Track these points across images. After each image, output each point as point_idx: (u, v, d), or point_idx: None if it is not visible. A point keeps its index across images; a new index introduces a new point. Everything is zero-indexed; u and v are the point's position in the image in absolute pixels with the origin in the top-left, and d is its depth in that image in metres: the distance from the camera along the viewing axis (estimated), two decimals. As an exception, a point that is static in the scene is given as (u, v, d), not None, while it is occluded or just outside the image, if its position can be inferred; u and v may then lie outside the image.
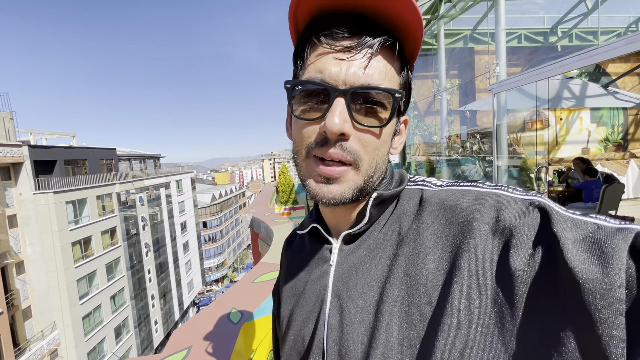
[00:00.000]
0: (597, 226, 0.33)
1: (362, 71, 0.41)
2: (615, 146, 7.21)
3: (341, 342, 0.44)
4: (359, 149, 0.42)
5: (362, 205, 0.48)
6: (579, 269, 0.29)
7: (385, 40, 0.41)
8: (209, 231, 48.69)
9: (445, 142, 7.24)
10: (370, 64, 0.41)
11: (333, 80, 0.41)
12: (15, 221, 17.38)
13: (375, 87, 0.41)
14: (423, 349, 0.37)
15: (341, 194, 0.43)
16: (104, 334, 21.32)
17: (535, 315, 0.31)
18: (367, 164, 0.43)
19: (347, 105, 0.41)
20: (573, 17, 6.52)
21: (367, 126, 0.42)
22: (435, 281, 0.39)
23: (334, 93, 0.40)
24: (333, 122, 0.40)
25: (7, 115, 17.75)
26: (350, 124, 0.41)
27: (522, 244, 0.34)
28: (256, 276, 1.97)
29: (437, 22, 6.57)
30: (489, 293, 0.35)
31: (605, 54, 2.84)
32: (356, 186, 0.43)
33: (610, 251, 0.29)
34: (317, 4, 0.42)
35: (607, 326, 0.27)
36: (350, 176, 0.42)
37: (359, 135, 0.42)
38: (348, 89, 0.40)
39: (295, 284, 0.55)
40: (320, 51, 0.42)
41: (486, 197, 0.40)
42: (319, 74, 0.42)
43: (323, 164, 0.42)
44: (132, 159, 29.42)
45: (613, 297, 0.27)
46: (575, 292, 0.29)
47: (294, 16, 0.44)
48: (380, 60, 0.42)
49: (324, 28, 0.42)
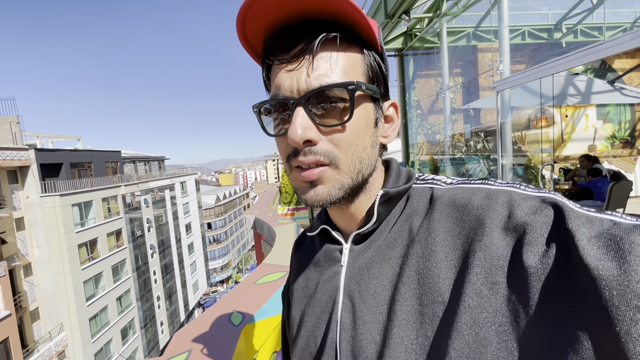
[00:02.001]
0: (613, 223, 0.32)
1: (310, 75, 0.41)
2: (623, 143, 7.10)
3: (354, 342, 0.44)
4: (331, 149, 0.42)
5: (370, 205, 0.48)
6: (595, 265, 0.28)
7: (325, 37, 0.41)
8: (213, 232, 48.94)
9: (449, 141, 7.19)
10: (317, 65, 0.41)
11: (288, 92, 0.42)
12: (23, 224, 17.60)
13: (325, 87, 0.40)
14: (437, 347, 0.37)
15: (328, 194, 0.43)
16: (111, 335, 21.51)
17: (550, 313, 0.31)
18: (346, 161, 0.43)
19: (308, 112, 0.41)
20: (578, 12, 6.45)
21: (331, 126, 0.42)
22: (448, 280, 0.38)
23: (292, 104, 0.41)
24: (294, 132, 0.40)
25: (14, 119, 17.99)
26: (314, 129, 0.41)
27: (535, 241, 0.34)
28: (258, 277, 1.96)
29: (440, 20, 6.52)
30: (503, 291, 0.34)
31: (611, 49, 2.79)
32: (342, 185, 0.43)
33: (627, 247, 0.28)
34: (261, 27, 0.42)
35: (625, 323, 0.26)
36: (331, 175, 0.42)
37: (329, 137, 0.42)
38: (302, 96, 0.41)
39: (306, 286, 0.55)
40: (275, 69, 0.43)
41: (498, 194, 0.39)
42: (278, 91, 0.43)
43: (302, 170, 0.43)
44: (136, 161, 29.68)
45: (631, 294, 0.26)
46: (592, 289, 0.28)
47: (247, 45, 0.45)
48: (327, 58, 0.41)
49: (272, 47, 0.43)
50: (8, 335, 15.30)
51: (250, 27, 0.42)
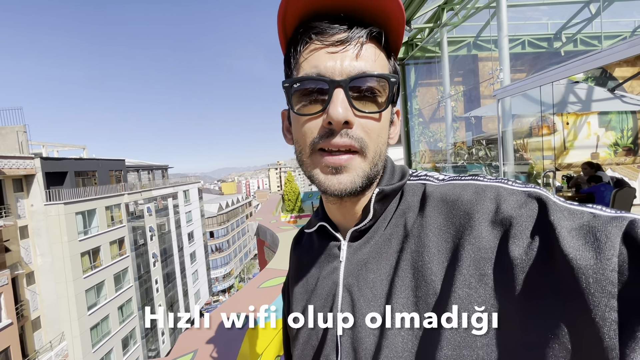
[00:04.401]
0: (592, 215, 0.33)
1: (355, 61, 0.42)
2: (625, 151, 7.09)
3: (354, 334, 0.45)
4: (363, 136, 0.43)
5: (366, 202, 0.49)
6: (574, 255, 0.30)
7: (372, 31, 0.43)
8: (215, 241, 48.75)
9: (451, 149, 7.21)
10: (362, 54, 0.43)
11: (329, 73, 0.42)
12: (27, 232, 17.65)
13: (371, 74, 0.42)
14: (430, 336, 0.39)
15: (352, 182, 0.44)
16: (112, 344, 21.29)
17: (534, 301, 0.32)
18: (372, 151, 0.44)
19: (347, 95, 0.42)
20: (577, 22, 6.53)
21: (368, 112, 0.43)
22: (440, 272, 0.40)
23: (332, 85, 0.42)
24: (337, 111, 0.41)
25: (21, 128, 18.25)
26: (351, 112, 0.42)
27: (520, 234, 0.35)
28: (262, 282, 1.97)
29: (440, 30, 6.62)
30: (490, 282, 0.36)
31: (609, 58, 2.83)
32: (364, 173, 0.44)
33: (603, 238, 0.30)
34: (304, 8, 0.44)
35: (600, 309, 0.28)
36: (358, 163, 0.43)
37: (361, 123, 0.43)
38: (345, 79, 0.42)
39: (306, 282, 0.56)
40: (312, 48, 0.44)
41: (486, 190, 0.41)
42: (314, 70, 0.43)
43: (329, 154, 0.43)
44: (140, 169, 29.83)
45: (606, 282, 0.28)
46: (570, 278, 0.30)
47: (282, 22, 0.46)
48: (370, 49, 0.44)
49: (312, 27, 0.44)
50: (9, 344, 15.20)
51: (295, 5, 0.44)
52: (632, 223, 0.30)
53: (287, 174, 14.09)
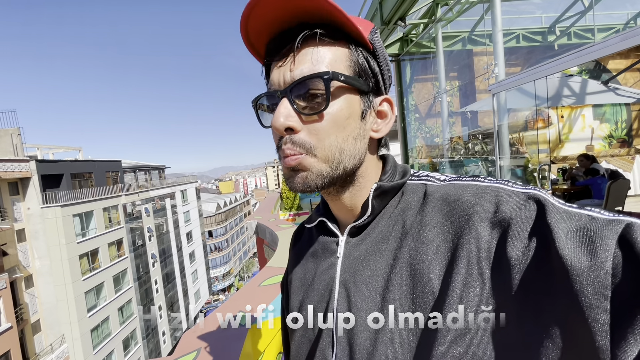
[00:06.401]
0: (590, 218, 0.34)
1: (293, 69, 0.44)
2: (620, 142, 7.15)
3: (350, 330, 0.46)
4: (308, 139, 0.44)
5: (365, 197, 0.50)
6: (569, 257, 0.31)
7: (306, 34, 0.44)
8: (214, 240, 48.74)
9: (447, 144, 7.24)
10: (299, 60, 0.44)
11: (276, 86, 0.46)
12: (24, 235, 17.57)
13: (302, 78, 0.43)
14: (427, 335, 0.39)
15: (304, 179, 0.45)
16: (113, 346, 21.30)
17: (530, 302, 0.33)
18: (324, 151, 0.44)
19: (291, 102, 0.44)
20: (570, 15, 6.55)
21: (309, 114, 0.44)
22: (438, 271, 0.40)
23: (277, 96, 0.45)
24: (276, 120, 0.44)
25: (15, 131, 18.09)
26: (296, 118, 0.44)
27: (518, 235, 0.36)
28: (262, 280, 1.99)
29: (435, 25, 6.62)
30: (488, 282, 0.37)
31: (602, 51, 2.85)
32: (320, 172, 0.45)
33: (599, 240, 0.30)
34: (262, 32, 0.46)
35: (593, 310, 0.28)
36: (309, 163, 0.44)
37: (308, 127, 0.44)
38: (285, 88, 0.44)
39: (304, 276, 0.57)
40: (271, 68, 0.48)
41: (486, 190, 0.42)
42: (270, 86, 0.47)
43: (284, 158, 0.45)
44: (137, 170, 29.69)
45: (599, 284, 0.29)
46: (565, 279, 0.31)
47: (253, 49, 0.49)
48: (309, 53, 0.44)
49: (269, 49, 0.47)
50: (9, 348, 15.17)
51: (253, 33, 0.47)
52: (629, 226, 0.30)
53: (285, 172, 14.00)
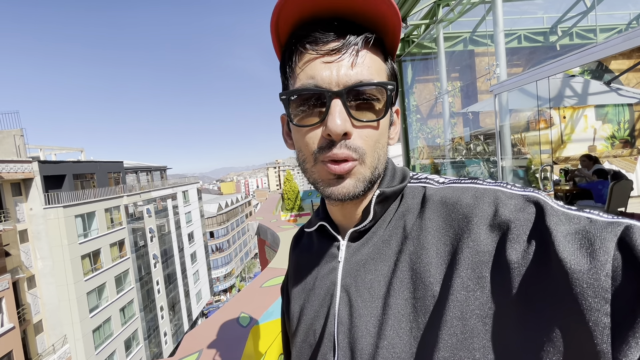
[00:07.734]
0: (589, 220, 0.34)
1: (351, 70, 0.42)
2: (623, 143, 7.12)
3: (351, 334, 0.45)
4: (362, 145, 0.43)
5: (367, 203, 0.50)
6: (568, 260, 0.30)
7: (367, 37, 0.43)
8: (216, 241, 48.76)
9: (449, 145, 7.23)
10: (358, 62, 0.42)
11: (326, 84, 0.42)
12: (26, 236, 17.62)
13: (367, 83, 0.42)
14: (428, 338, 0.39)
15: (354, 187, 0.44)
16: (114, 346, 21.33)
17: (530, 305, 0.33)
18: (370, 157, 0.45)
19: (344, 105, 0.42)
20: (572, 15, 6.54)
21: (366, 121, 0.43)
22: (438, 275, 0.40)
23: (330, 96, 0.42)
24: (335, 123, 0.41)
25: (18, 132, 18.17)
26: (350, 122, 0.42)
27: (517, 238, 0.35)
28: (264, 281, 1.99)
29: (436, 26, 6.62)
30: (488, 285, 0.36)
31: (604, 51, 2.84)
32: (365, 178, 0.45)
33: (598, 243, 0.30)
34: (298, 14, 0.43)
35: (593, 313, 0.28)
36: (358, 170, 0.44)
37: (360, 132, 0.43)
38: (342, 89, 0.42)
39: (305, 280, 0.57)
40: (307, 58, 0.43)
41: (485, 193, 0.42)
42: (311, 80, 0.43)
43: (333, 163, 0.43)
44: (139, 171, 29.77)
45: (599, 287, 0.28)
46: (565, 282, 0.30)
47: (275, 29, 0.46)
48: (366, 56, 0.43)
49: (306, 36, 0.43)
50: (12, 348, 15.21)
51: (287, 12, 0.43)
52: (628, 229, 0.30)
53: (286, 172, 14.10)
